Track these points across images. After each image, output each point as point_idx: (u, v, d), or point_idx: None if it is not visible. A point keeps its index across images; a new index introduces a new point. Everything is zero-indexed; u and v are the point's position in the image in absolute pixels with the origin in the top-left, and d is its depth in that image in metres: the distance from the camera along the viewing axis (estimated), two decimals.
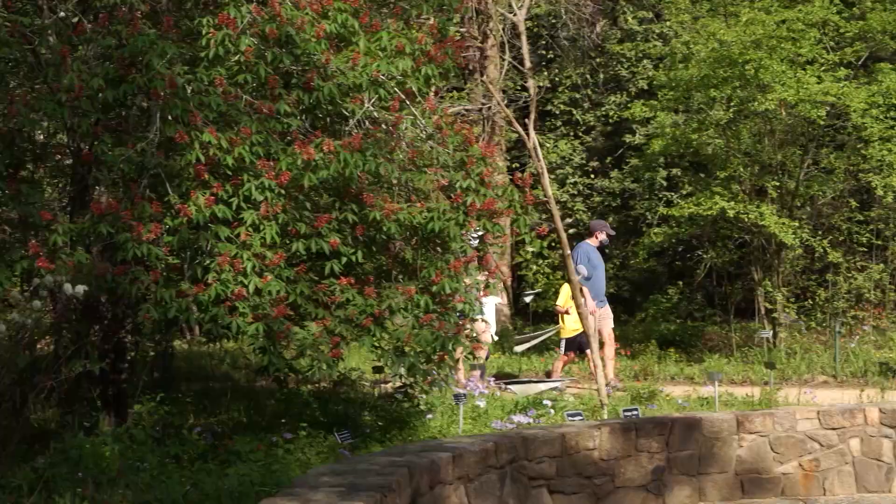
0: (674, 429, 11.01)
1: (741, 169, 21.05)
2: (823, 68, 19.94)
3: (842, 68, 20.20)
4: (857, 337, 20.06)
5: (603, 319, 16.77)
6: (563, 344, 16.65)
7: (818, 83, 19.17)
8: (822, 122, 19.98)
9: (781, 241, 19.89)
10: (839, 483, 11.46)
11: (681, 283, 26.95)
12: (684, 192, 23.66)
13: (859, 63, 21.48)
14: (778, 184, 21.26)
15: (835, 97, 19.14)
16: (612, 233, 17.66)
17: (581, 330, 16.06)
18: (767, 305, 20.81)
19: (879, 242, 23.93)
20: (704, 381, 15.59)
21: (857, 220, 23.72)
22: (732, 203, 20.05)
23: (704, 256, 24.86)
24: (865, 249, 23.76)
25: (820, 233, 22.23)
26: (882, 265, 23.21)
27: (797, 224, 20.40)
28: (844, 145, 21.83)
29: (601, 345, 16.46)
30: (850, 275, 22.71)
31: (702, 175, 22.91)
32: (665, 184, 26.94)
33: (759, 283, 21.28)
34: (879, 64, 20.93)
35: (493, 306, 17.03)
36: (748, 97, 19.88)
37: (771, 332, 19.50)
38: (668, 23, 23.86)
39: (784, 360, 18.13)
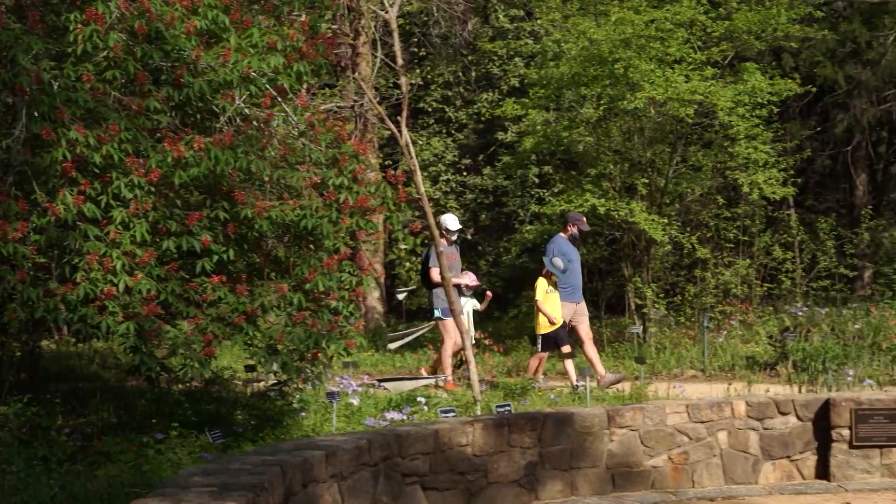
0: (546, 424, 11.08)
1: (611, 166, 21.29)
2: (691, 67, 20.25)
3: (709, 67, 20.54)
4: (725, 332, 20.39)
5: (579, 316, 16.57)
6: (539, 341, 16.03)
7: (686, 82, 19.46)
8: (690, 121, 20.30)
9: (651, 237, 20.17)
10: (708, 475, 11.64)
11: None
12: (556, 190, 23.85)
13: (726, 62, 21.87)
14: (647, 181, 21.54)
15: (702, 96, 19.45)
16: (587, 228, 17.20)
17: (558, 325, 15.86)
18: (637, 301, 21.08)
19: (746, 238, 24.37)
20: (576, 376, 15.74)
21: (725, 217, 24.15)
22: (603, 200, 20.27)
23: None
24: (732, 245, 24.19)
25: (688, 229, 22.59)
26: (748, 261, 23.63)
27: (666, 221, 20.70)
28: (712, 143, 22.20)
29: (580, 343, 16.46)
30: (717, 270, 23.08)
31: (573, 172, 23.12)
32: (537, 181, 27.19)
33: (629, 279, 21.55)
34: (745, 63, 21.34)
35: (471, 309, 16.84)
36: (618, 95, 20.11)
37: (641, 328, 19.75)
38: (539, 21, 24.06)
39: (654, 355, 18.37)
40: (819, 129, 30.49)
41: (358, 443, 9.43)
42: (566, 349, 15.93)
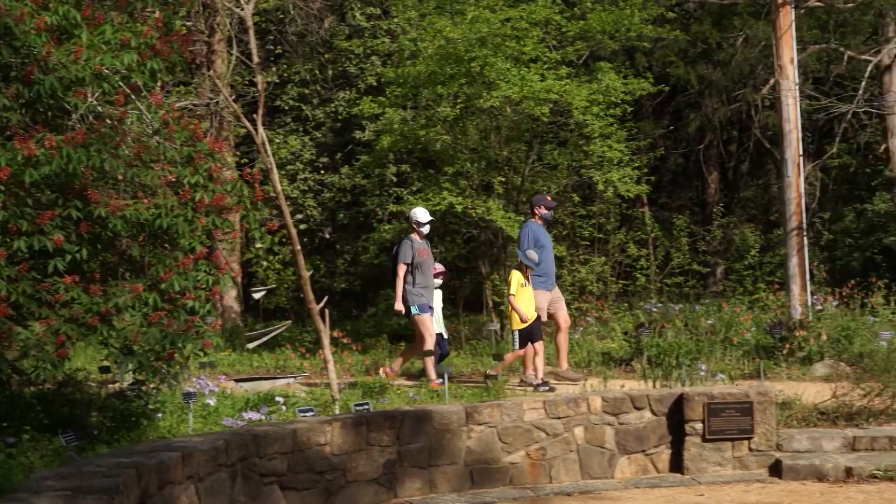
0: (404, 422, 11.12)
1: (468, 165, 21.40)
2: (546, 66, 20.45)
3: (564, 66, 20.76)
4: (581, 328, 20.62)
5: (556, 302, 16.15)
6: (515, 337, 15.42)
7: (541, 81, 19.65)
8: (545, 119, 20.49)
9: (508, 235, 20.30)
10: (565, 470, 11.77)
11: None
12: (414, 188, 23.91)
13: (580, 62, 22.14)
14: (504, 179, 21.70)
15: (557, 94, 19.65)
16: (553, 204, 16.73)
17: (533, 319, 15.33)
18: (495, 298, 21.21)
19: (601, 236, 24.72)
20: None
21: (580, 215, 24.46)
22: (460, 198, 20.37)
23: (433, 251, 25.17)
24: (588, 243, 24.51)
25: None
26: (604, 258, 23.96)
27: (523, 218, 20.85)
28: (567, 142, 22.44)
29: (557, 330, 16.09)
30: (573, 268, 23.35)
31: (431, 171, 23.20)
32: (395, 179, 27.19)
33: (486, 277, 21.68)
34: (599, 63, 21.64)
35: (439, 301, 16.38)
36: (474, 94, 20.22)
37: (499, 325, 19.87)
38: (395, 19, 24.08)
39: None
40: (672, 127, 31.04)
41: (215, 443, 9.37)
42: (539, 345, 15.44)
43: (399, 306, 15.55)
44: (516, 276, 15.46)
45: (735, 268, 28.05)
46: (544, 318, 15.91)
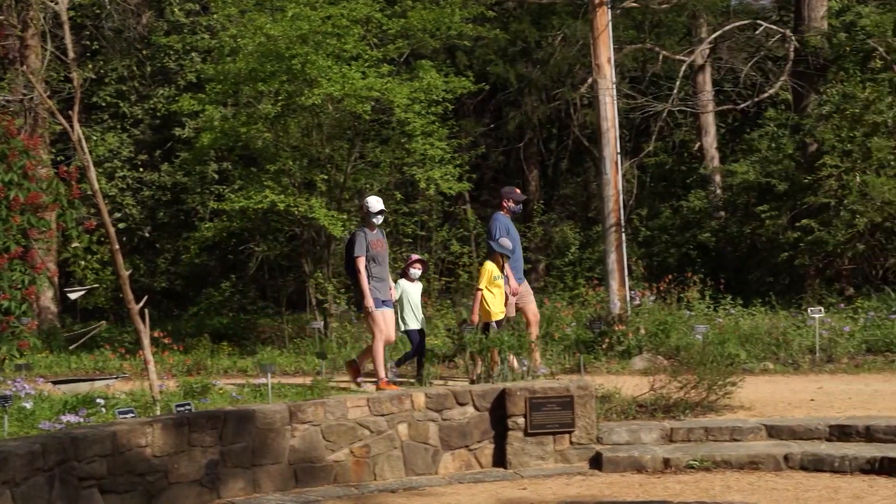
0: (227, 422, 11.00)
1: (290, 162, 21.29)
2: (368, 64, 20.44)
3: (385, 64, 20.79)
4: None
5: (525, 295, 15.66)
6: (492, 329, 14.79)
7: (363, 79, 19.64)
8: (367, 117, 20.50)
9: (331, 233, 20.25)
10: (389, 468, 11.77)
11: (234, 276, 27.02)
12: (236, 186, 23.71)
13: (402, 60, 22.19)
14: (326, 177, 21.63)
15: (379, 92, 19.67)
16: (523, 197, 16.06)
17: (504, 313, 14.88)
18: (319, 297, 21.15)
19: (424, 233, 24.82)
20: (258, 374, 15.65)
21: (403, 212, 24.52)
22: (283, 196, 20.26)
23: (256, 249, 25.05)
24: (411, 240, 24.59)
25: None
26: (427, 255, 24.04)
27: (346, 216, 20.83)
28: (389, 139, 22.48)
29: (527, 325, 15.65)
30: (397, 265, 23.38)
31: (252, 169, 23.03)
32: (216, 177, 26.94)
33: (310, 275, 21.59)
34: (421, 61, 21.73)
35: (418, 294, 15.68)
36: (296, 91, 20.13)
37: (322, 323, 19.82)
38: (215, 16, 23.84)
39: (335, 350, 18.45)
40: (492, 125, 31.34)
41: (31, 447, 9.15)
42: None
43: (369, 303, 14.63)
44: (488, 269, 14.93)
45: (556, 264, 28.46)
46: (511, 314, 15.53)
